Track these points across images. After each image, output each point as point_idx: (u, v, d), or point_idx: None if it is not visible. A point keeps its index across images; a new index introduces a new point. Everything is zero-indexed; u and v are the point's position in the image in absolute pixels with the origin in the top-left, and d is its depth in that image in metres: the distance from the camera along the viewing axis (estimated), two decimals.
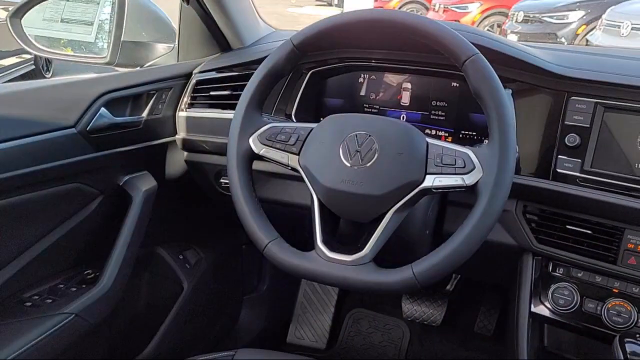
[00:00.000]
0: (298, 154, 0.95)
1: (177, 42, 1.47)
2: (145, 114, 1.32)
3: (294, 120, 1.27)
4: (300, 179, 0.95)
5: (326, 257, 0.89)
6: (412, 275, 0.83)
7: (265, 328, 1.91)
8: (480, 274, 1.49)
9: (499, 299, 1.88)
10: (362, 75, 1.28)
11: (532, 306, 1.12)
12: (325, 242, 0.90)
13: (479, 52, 0.86)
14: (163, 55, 1.45)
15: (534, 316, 1.12)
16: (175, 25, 1.45)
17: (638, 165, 0.98)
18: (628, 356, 0.86)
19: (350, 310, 2.03)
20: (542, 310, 1.11)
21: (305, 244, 0.95)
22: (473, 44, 0.87)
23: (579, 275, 1.09)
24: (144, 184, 1.30)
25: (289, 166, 0.97)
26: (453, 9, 8.99)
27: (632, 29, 5.89)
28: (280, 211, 1.19)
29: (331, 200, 0.92)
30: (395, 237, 0.90)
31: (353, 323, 2.00)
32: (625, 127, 0.99)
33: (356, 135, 0.91)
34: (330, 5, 14.89)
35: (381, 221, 0.88)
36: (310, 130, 0.97)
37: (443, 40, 0.88)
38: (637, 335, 0.89)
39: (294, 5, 14.88)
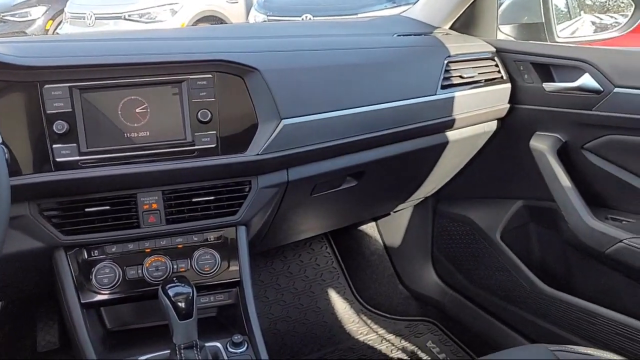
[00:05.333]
0: None
1: None
2: None
3: None
4: None
5: None
6: None
7: None
8: (20, 290, 1.38)
9: (54, 306, 1.79)
10: None
11: (82, 298, 1.11)
12: None
13: None
14: None
15: (86, 306, 1.12)
16: None
17: (127, 135, 1.07)
18: (173, 298, 0.97)
19: None
20: (92, 296, 1.12)
21: None
22: None
23: (114, 249, 1.14)
24: None
25: None
26: None
27: (96, 18, 6.26)
28: None
29: None
30: None
31: None
32: (106, 103, 1.06)
33: None
34: None
35: None
36: None
37: None
38: (175, 279, 1.01)
39: None
